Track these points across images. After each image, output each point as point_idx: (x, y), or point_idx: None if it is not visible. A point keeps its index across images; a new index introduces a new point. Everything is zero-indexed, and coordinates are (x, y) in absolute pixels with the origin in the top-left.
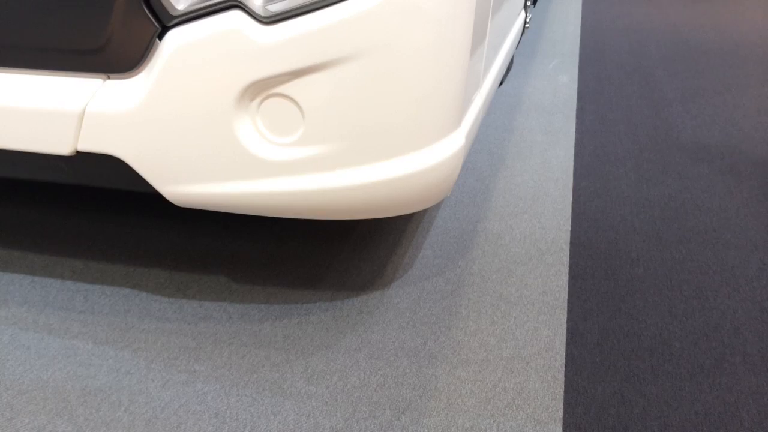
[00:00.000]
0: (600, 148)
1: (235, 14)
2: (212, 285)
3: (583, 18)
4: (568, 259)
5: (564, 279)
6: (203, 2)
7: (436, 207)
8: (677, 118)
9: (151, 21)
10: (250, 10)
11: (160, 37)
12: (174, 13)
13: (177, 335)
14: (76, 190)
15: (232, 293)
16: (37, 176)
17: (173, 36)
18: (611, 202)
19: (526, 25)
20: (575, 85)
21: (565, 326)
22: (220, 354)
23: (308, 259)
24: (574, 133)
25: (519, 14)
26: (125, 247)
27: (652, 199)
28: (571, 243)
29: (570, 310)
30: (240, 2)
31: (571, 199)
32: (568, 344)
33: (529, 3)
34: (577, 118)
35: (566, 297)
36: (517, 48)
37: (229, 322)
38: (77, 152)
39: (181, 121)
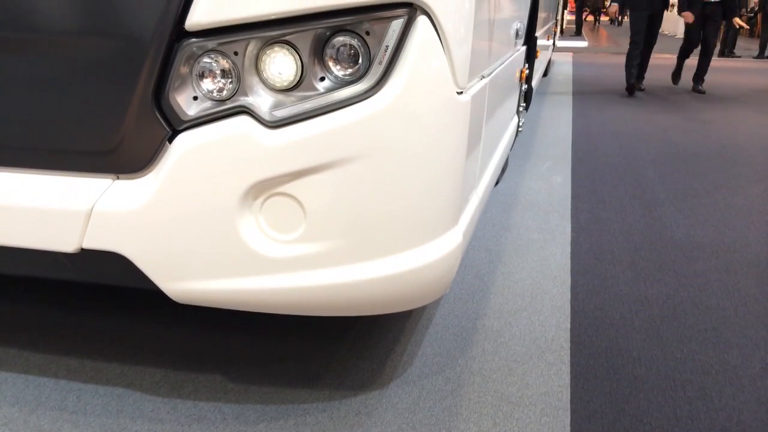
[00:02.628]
0: (596, 246)
1: (243, 119)
2: (208, 384)
3: (573, 122)
4: (569, 357)
5: (566, 378)
6: (213, 108)
7: (435, 304)
8: (670, 217)
9: (163, 125)
10: (258, 115)
11: (170, 139)
12: (185, 118)
13: None
14: (76, 287)
15: (228, 393)
16: (39, 273)
17: (182, 139)
18: (610, 300)
19: (519, 129)
20: (569, 185)
21: (569, 429)
22: None
23: (306, 358)
24: (569, 232)
25: (512, 119)
26: (122, 345)
27: (650, 297)
28: (572, 341)
29: (573, 412)
30: (248, 109)
31: (569, 296)
32: None
33: (521, 108)
34: (572, 216)
35: (569, 397)
36: (511, 150)
37: (224, 423)
38: (81, 249)
39: (186, 220)
